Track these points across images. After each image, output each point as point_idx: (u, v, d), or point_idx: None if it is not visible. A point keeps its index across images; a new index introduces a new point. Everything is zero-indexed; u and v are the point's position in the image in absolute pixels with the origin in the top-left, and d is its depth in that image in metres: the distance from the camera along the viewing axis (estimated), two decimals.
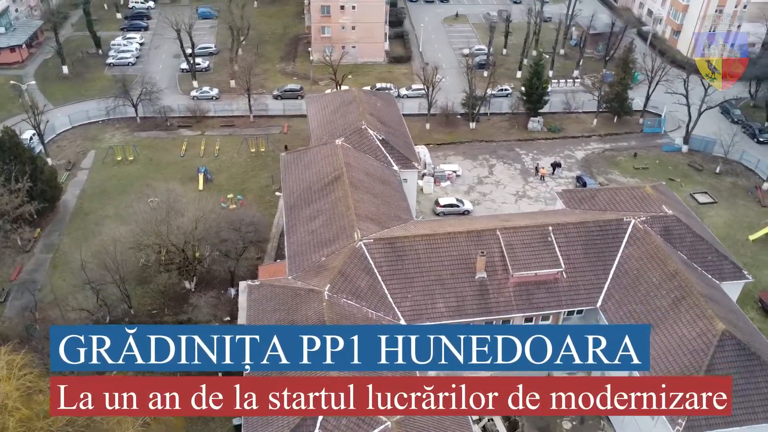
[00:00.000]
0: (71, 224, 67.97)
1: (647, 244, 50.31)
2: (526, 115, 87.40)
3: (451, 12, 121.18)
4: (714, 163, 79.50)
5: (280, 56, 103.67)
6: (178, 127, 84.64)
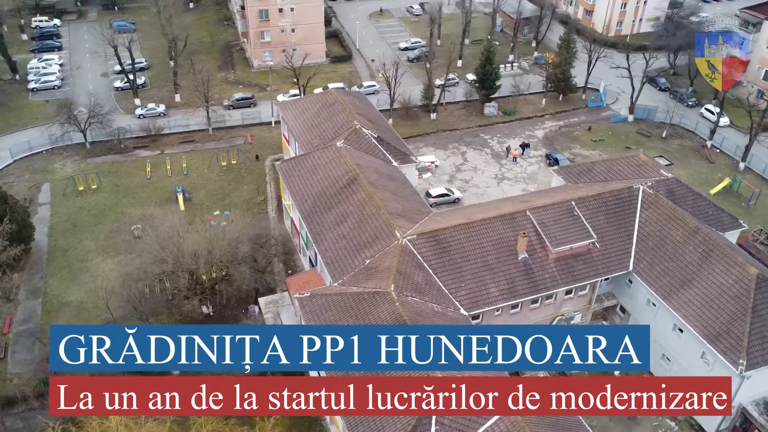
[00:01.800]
0: (52, 264, 62.54)
1: (661, 206, 54.17)
2: (479, 101, 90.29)
3: (373, 8, 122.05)
4: (659, 129, 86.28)
5: (218, 65, 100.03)
6: (134, 149, 79.78)
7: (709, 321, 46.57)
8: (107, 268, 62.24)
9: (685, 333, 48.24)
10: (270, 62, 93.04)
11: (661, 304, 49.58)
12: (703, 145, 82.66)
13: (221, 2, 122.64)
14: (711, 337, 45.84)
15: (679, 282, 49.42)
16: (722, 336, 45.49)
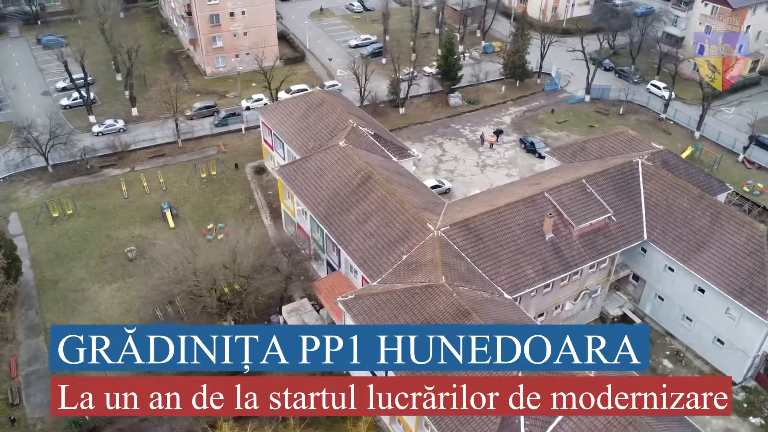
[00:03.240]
0: (44, 298, 58.17)
1: (662, 177, 57.30)
2: (442, 92, 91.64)
3: (313, 7, 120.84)
4: (615, 107, 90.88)
5: (168, 75, 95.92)
6: (101, 169, 75.27)
7: (730, 278, 49.86)
8: (107, 296, 58.69)
9: (707, 292, 51.38)
10: (240, 68, 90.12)
11: (681, 267, 52.54)
12: (659, 118, 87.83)
13: (152, 10, 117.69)
14: (735, 293, 49.11)
15: (694, 246, 52.53)
16: (745, 291, 48.86)
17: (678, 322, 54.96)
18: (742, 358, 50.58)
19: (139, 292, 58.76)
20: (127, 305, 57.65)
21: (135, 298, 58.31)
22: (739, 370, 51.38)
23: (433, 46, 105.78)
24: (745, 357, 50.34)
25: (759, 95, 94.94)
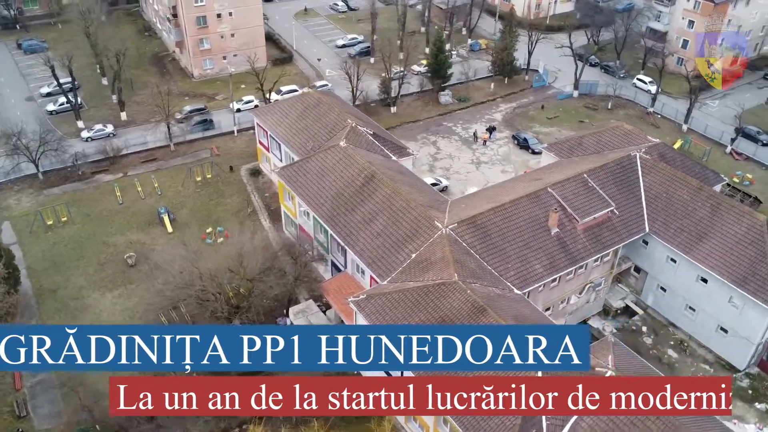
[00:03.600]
0: (44, 308, 57.10)
1: (660, 169, 58.16)
2: (432, 90, 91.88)
3: (296, 8, 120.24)
4: (603, 101, 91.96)
5: (155, 78, 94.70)
6: (93, 174, 74.06)
7: (733, 268, 50.82)
8: (108, 303, 57.83)
9: (710, 282, 52.30)
10: (232, 69, 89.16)
11: (683, 258, 53.40)
12: (647, 112, 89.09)
13: (134, 13, 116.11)
14: (739, 282, 50.07)
15: (695, 237, 53.43)
16: (749, 279, 49.83)
17: (681, 312, 55.86)
18: (746, 345, 51.58)
19: (141, 298, 58.11)
20: (129, 312, 56.86)
21: (137, 304, 57.60)
22: (743, 358, 52.40)
23: (420, 45, 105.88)
24: (749, 344, 51.35)
25: (741, 87, 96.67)
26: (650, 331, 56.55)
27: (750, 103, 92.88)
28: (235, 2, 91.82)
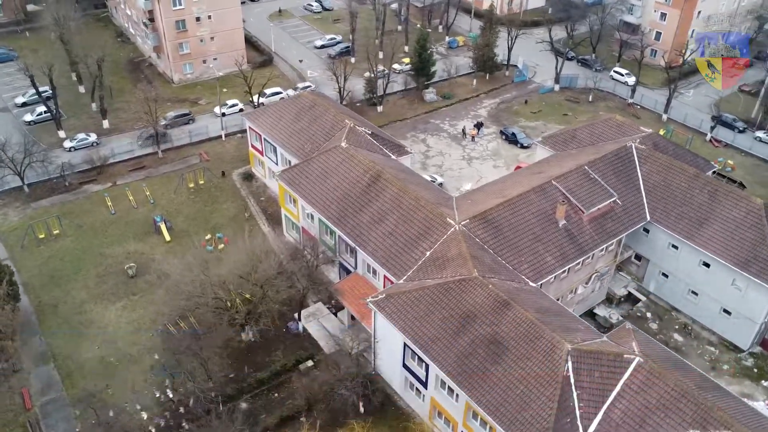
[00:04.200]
0: (46, 323, 55.48)
1: (656, 159, 59.63)
2: (416, 88, 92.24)
3: (270, 9, 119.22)
4: (584, 94, 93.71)
5: (133, 85, 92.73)
6: (80, 185, 72.17)
7: (735, 251, 52.47)
8: (113, 316, 56.49)
9: (713, 266, 53.88)
10: (219, 73, 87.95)
11: (685, 244, 54.88)
12: (628, 103, 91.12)
13: (103, 18, 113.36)
14: (742, 264, 51.72)
15: (696, 223, 54.97)
16: (751, 262, 51.52)
17: (683, 297, 57.40)
18: (749, 326, 53.31)
19: (146, 309, 57.05)
20: (136, 324, 55.69)
21: (143, 315, 56.49)
22: (747, 338, 54.15)
23: (398, 44, 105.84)
24: (752, 325, 53.09)
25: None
26: (655, 317, 58.00)
27: (723, 91, 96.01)
28: (214, 5, 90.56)
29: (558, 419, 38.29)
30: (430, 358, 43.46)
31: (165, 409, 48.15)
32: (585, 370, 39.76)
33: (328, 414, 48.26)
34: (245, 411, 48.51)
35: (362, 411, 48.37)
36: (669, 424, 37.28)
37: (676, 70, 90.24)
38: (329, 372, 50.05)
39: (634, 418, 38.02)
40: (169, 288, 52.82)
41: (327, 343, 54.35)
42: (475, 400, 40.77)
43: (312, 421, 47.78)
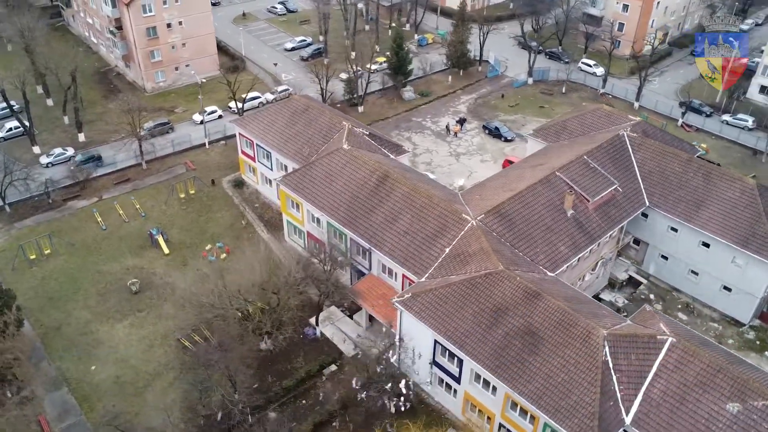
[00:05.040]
0: (52, 347, 53.35)
1: (648, 146, 61.68)
2: (394, 87, 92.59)
3: (234, 13, 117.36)
4: (557, 86, 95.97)
5: (102, 95, 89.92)
6: (64, 201, 69.58)
7: (733, 230, 54.84)
8: (121, 334, 54.80)
9: (712, 246, 56.16)
10: (202, 80, 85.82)
11: (685, 227, 57.03)
12: (601, 93, 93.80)
13: (59, 28, 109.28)
14: (742, 242, 54.11)
15: (693, 205, 57.19)
16: (750, 239, 53.97)
17: (684, 277, 59.62)
18: (750, 301, 55.84)
19: (156, 325, 55.62)
20: (147, 341, 54.18)
21: (153, 332, 55.01)
22: (747, 312, 56.70)
23: (370, 44, 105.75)
24: (753, 299, 55.63)
25: (675, 64, 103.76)
26: (658, 298, 60.07)
27: (685, 78, 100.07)
28: (186, 11, 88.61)
29: (601, 403, 39.32)
30: (465, 353, 43.88)
31: (193, 424, 47.06)
32: (622, 353, 40.96)
33: (359, 417, 48.21)
34: (275, 420, 47.99)
35: (393, 411, 48.47)
36: (708, 399, 38.82)
37: (642, 60, 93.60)
38: (355, 375, 49.92)
39: (674, 396, 39.42)
40: (185, 300, 51.80)
41: (347, 347, 54.16)
42: (516, 391, 41.43)
43: (344, 425, 47.65)
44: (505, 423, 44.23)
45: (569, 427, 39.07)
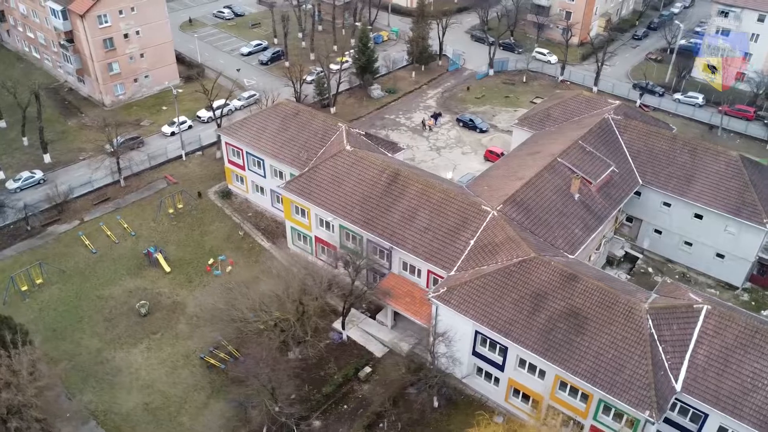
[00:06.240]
0: (69, 381, 50.47)
1: (632, 127, 64.66)
2: (361, 86, 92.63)
3: (178, 19, 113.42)
4: (518, 76, 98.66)
5: (59, 113, 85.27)
6: (44, 227, 65.75)
7: (725, 201, 58.39)
8: (140, 359, 52.61)
9: (705, 217, 59.58)
10: (177, 91, 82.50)
11: (678, 201, 60.24)
12: (561, 80, 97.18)
13: None
14: (734, 211, 57.72)
15: (684, 180, 60.47)
16: (741, 207, 57.67)
17: (678, 249, 62.97)
18: (743, 265, 59.66)
19: (174, 346, 53.70)
20: (170, 363, 52.23)
21: (173, 353, 53.12)
22: (740, 276, 60.58)
23: (327, 44, 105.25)
24: (745, 263, 59.48)
25: (620, 49, 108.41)
26: (656, 271, 63.21)
27: (632, 61, 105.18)
28: (142, 19, 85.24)
29: (654, 374, 41.22)
30: (512, 340, 44.85)
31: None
32: (664, 324, 43.04)
33: (405, 415, 48.38)
34: (320, 428, 47.48)
35: (436, 405, 48.93)
36: (750, 359, 41.41)
37: (588, 46, 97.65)
38: (393, 373, 50.02)
39: (718, 360, 41.81)
40: (214, 316, 50.17)
41: (376, 347, 54.10)
42: (569, 371, 42.76)
43: (392, 425, 47.69)
44: (554, 404, 45.50)
45: (628, 400, 40.77)
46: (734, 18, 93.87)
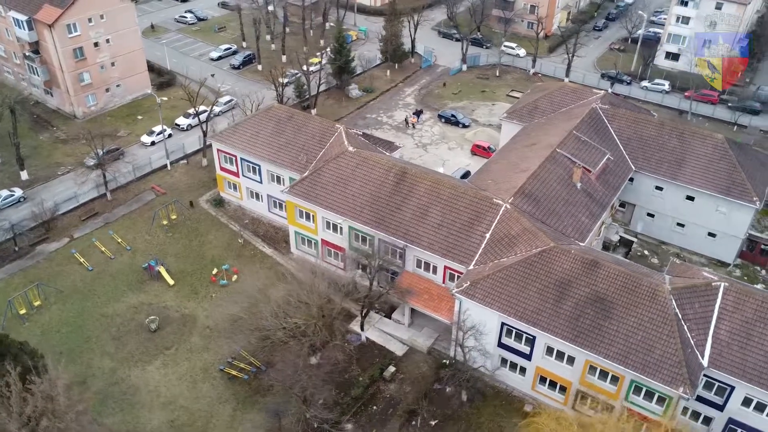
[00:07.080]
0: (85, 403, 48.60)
1: (621, 115, 66.65)
2: (338, 86, 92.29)
3: (142, 25, 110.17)
4: (490, 70, 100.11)
5: (29, 128, 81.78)
6: (32, 247, 63.08)
7: (715, 181, 60.90)
8: (157, 376, 51.20)
9: (697, 198, 61.98)
10: (161, 100, 79.81)
11: (671, 185, 62.46)
12: (534, 73, 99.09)
13: None
14: (725, 191, 60.26)
15: (675, 165, 62.74)
16: (731, 187, 60.26)
17: (671, 231, 65.28)
18: (734, 242, 62.36)
19: (191, 360, 52.45)
20: (190, 377, 51.03)
21: (191, 368, 51.96)
22: (732, 253, 63.30)
23: (297, 45, 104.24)
24: (736, 241, 62.20)
25: (583, 41, 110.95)
26: (652, 253, 65.37)
27: (597, 52, 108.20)
28: (112, 27, 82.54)
29: (684, 352, 42.74)
30: (540, 329, 45.69)
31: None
32: (687, 303, 44.64)
33: (436, 411, 48.67)
34: (353, 431, 47.31)
35: (465, 399, 49.40)
36: None
37: (554, 39, 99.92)
38: (417, 371, 50.21)
39: (740, 334, 43.62)
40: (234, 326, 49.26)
41: (396, 346, 54.18)
42: (601, 355, 43.88)
43: (425, 421, 47.91)
44: (584, 389, 46.59)
45: (661, 378, 42.16)
46: (693, 6, 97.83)
